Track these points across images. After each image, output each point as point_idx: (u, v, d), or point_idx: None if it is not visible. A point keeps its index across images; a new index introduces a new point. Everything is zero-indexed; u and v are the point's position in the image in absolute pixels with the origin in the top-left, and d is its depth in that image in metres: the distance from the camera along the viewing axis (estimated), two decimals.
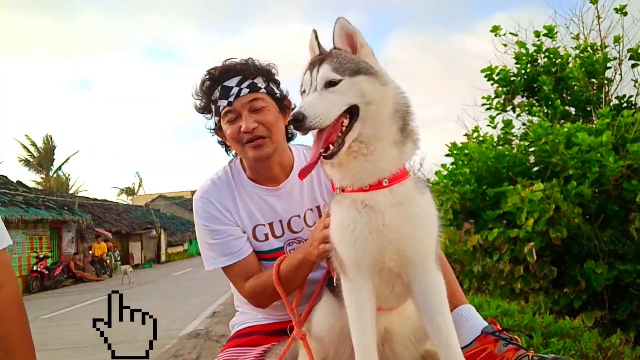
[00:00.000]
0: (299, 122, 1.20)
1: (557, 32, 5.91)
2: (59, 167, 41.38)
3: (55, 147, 40.81)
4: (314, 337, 1.62)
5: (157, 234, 33.35)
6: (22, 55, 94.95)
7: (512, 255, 4.41)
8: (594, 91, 5.52)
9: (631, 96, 5.57)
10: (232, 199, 1.91)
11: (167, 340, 6.70)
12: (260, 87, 1.83)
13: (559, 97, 5.47)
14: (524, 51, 5.85)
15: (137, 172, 70.76)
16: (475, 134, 5.70)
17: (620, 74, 5.71)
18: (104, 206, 32.34)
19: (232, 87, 1.80)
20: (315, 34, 1.43)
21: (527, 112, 5.69)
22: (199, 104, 1.92)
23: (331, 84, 1.27)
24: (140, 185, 53.02)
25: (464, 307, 1.75)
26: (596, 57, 5.40)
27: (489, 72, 5.91)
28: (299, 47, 1.46)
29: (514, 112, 5.91)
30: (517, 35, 6.07)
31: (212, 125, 1.95)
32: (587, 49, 5.63)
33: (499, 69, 5.88)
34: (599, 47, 5.75)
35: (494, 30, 6.19)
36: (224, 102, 1.81)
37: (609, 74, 5.59)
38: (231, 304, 2.30)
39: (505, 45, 6.19)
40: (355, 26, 1.34)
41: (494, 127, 5.65)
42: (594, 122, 4.88)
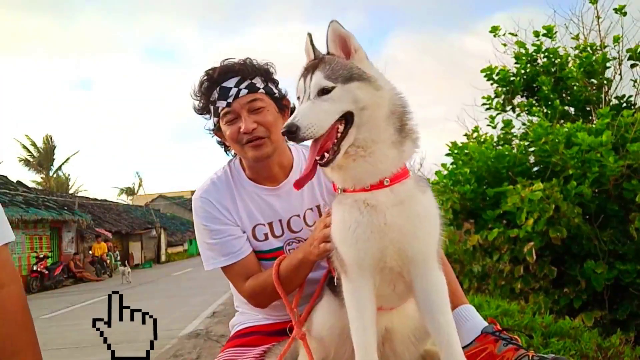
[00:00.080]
0: (293, 133, 1.20)
1: (556, 32, 5.92)
2: (59, 167, 41.47)
3: (55, 147, 40.88)
4: (315, 337, 1.62)
5: (157, 234, 33.34)
6: (22, 55, 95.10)
7: (512, 255, 4.41)
8: (594, 91, 5.52)
9: (630, 96, 5.58)
10: (231, 198, 1.91)
11: (167, 340, 6.70)
12: (258, 88, 1.83)
13: (558, 97, 5.47)
14: (523, 51, 5.86)
15: (137, 172, 70.91)
16: (475, 134, 5.71)
17: (620, 74, 5.72)
18: (104, 206, 32.34)
19: (230, 88, 1.80)
20: (310, 38, 1.41)
21: (526, 112, 5.70)
22: (197, 104, 1.92)
23: (324, 91, 1.27)
24: (140, 185, 53.09)
25: (464, 307, 1.76)
26: (595, 57, 5.40)
27: (488, 72, 5.91)
28: (299, 47, 1.45)
29: (514, 112, 5.92)
30: (516, 35, 6.09)
31: (211, 125, 1.95)
32: (587, 49, 5.63)
33: (498, 69, 5.89)
34: (599, 47, 5.75)
35: (493, 30, 6.20)
36: (222, 103, 1.81)
37: (609, 74, 5.60)
38: (231, 304, 2.30)
39: (504, 45, 6.20)
40: (348, 30, 1.33)
41: (494, 127, 5.66)
42: (594, 122, 4.88)
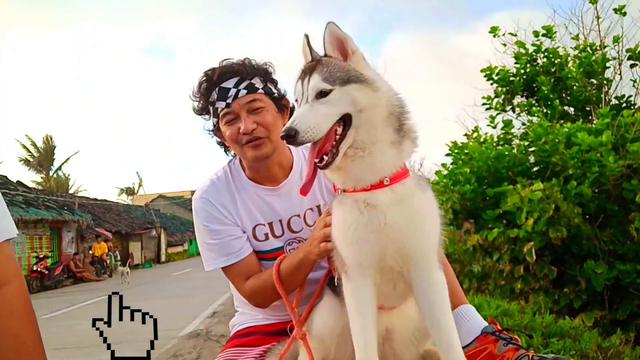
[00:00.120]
0: (292, 137, 1.20)
1: (556, 32, 5.92)
2: (59, 167, 41.47)
3: (55, 147, 40.88)
4: (315, 337, 1.62)
5: (157, 234, 33.33)
6: (21, 54, 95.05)
7: (512, 255, 4.41)
8: (593, 91, 5.52)
9: (630, 96, 5.58)
10: (231, 199, 1.91)
11: (167, 340, 6.70)
12: (257, 88, 1.83)
13: (558, 97, 5.47)
14: (523, 51, 5.86)
15: (137, 172, 70.91)
16: (475, 134, 5.71)
17: (619, 74, 5.72)
18: (104, 206, 32.33)
19: (229, 89, 1.80)
20: (307, 39, 1.41)
21: (526, 112, 5.70)
22: (197, 105, 1.92)
23: (322, 94, 1.27)
24: (140, 185, 53.06)
25: (464, 307, 1.76)
26: (595, 58, 5.40)
27: (488, 72, 5.91)
28: (300, 46, 1.45)
29: (514, 112, 5.92)
30: (516, 35, 6.09)
31: (210, 126, 1.95)
32: (586, 49, 5.63)
33: (498, 69, 5.89)
34: (598, 47, 5.75)
35: (493, 31, 6.19)
36: (222, 104, 1.81)
37: (608, 74, 5.60)
38: (231, 304, 2.30)
39: (504, 45, 6.20)
40: (347, 30, 1.33)
41: (494, 127, 5.66)
42: (594, 122, 4.88)
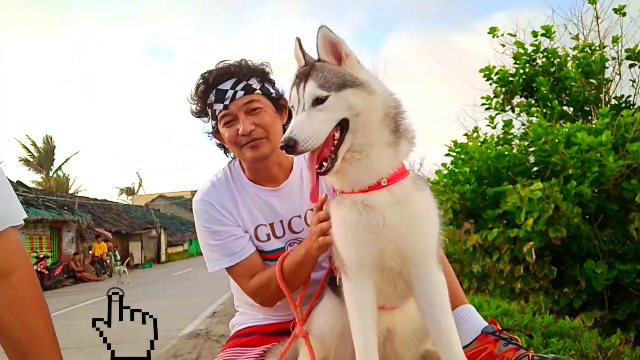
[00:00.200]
0: (292, 148, 1.20)
1: (554, 32, 5.92)
2: (59, 167, 41.43)
3: (55, 147, 40.86)
4: (315, 337, 1.63)
5: (157, 234, 33.31)
6: (21, 54, 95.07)
7: (512, 255, 4.41)
8: (592, 91, 5.52)
9: (629, 96, 5.58)
10: (232, 200, 1.91)
11: (167, 340, 6.69)
12: (255, 89, 1.83)
13: (557, 98, 5.47)
14: (522, 51, 5.86)
15: (137, 172, 70.87)
16: (474, 134, 5.71)
17: (619, 74, 5.72)
18: (104, 206, 32.30)
19: (227, 90, 1.80)
20: (299, 42, 1.41)
21: (525, 112, 5.70)
22: (195, 108, 1.92)
23: (318, 101, 1.26)
24: (140, 185, 53.03)
25: (464, 307, 1.76)
26: (593, 58, 5.40)
27: (487, 72, 5.91)
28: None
29: (513, 112, 5.92)
30: (515, 35, 6.09)
31: (209, 128, 1.95)
32: (585, 50, 5.63)
33: (497, 69, 5.89)
34: (597, 48, 5.75)
35: (492, 31, 6.19)
36: (219, 106, 1.81)
37: (608, 74, 5.60)
38: (231, 304, 2.30)
39: (503, 45, 6.20)
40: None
41: (494, 127, 5.66)
42: (593, 122, 4.88)
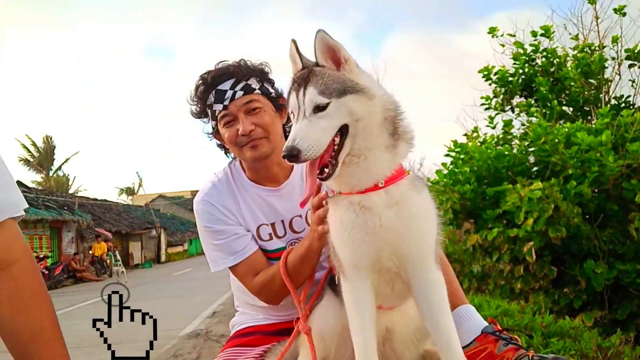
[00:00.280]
0: (295, 157, 1.20)
1: (554, 32, 5.92)
2: (59, 167, 41.42)
3: (55, 147, 40.85)
4: (315, 336, 1.63)
5: (157, 234, 33.30)
6: (21, 54, 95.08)
7: (512, 255, 4.41)
8: (592, 91, 5.52)
9: (629, 96, 5.59)
10: (233, 200, 1.92)
11: (167, 340, 6.69)
12: (254, 89, 1.83)
13: (556, 98, 5.47)
14: (521, 51, 5.86)
15: (137, 172, 70.83)
16: (474, 134, 5.71)
17: (619, 74, 5.73)
18: (104, 206, 32.30)
19: (226, 91, 1.80)
20: (295, 44, 1.40)
21: (525, 112, 5.70)
22: (194, 109, 1.93)
23: (319, 108, 1.26)
24: (140, 185, 53.01)
25: (464, 307, 1.76)
26: (593, 58, 5.40)
27: (486, 72, 5.91)
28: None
29: (513, 112, 5.92)
30: (514, 36, 6.09)
31: (209, 129, 1.96)
32: (584, 50, 5.63)
33: (496, 69, 5.89)
34: (597, 48, 5.75)
35: (491, 32, 6.20)
36: (219, 106, 1.82)
37: (608, 74, 5.60)
38: (231, 304, 2.30)
39: (503, 45, 6.20)
40: (336, 39, 1.30)
41: (494, 128, 5.66)
42: (593, 122, 4.88)
